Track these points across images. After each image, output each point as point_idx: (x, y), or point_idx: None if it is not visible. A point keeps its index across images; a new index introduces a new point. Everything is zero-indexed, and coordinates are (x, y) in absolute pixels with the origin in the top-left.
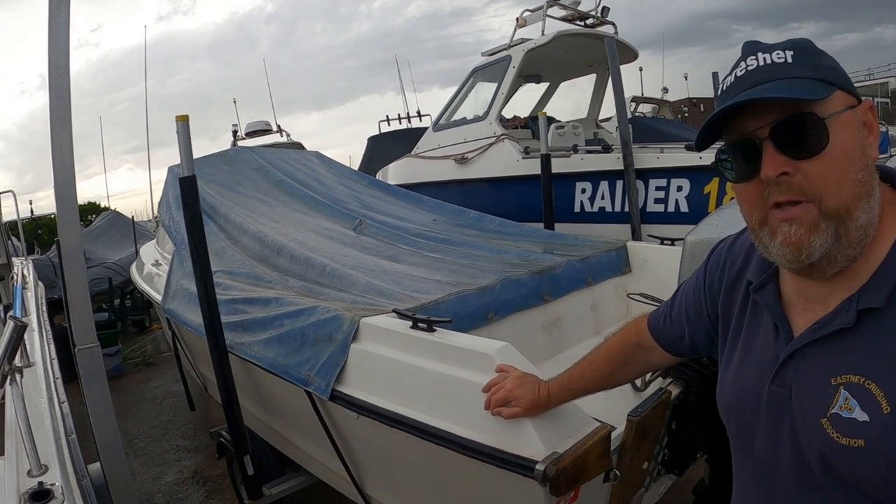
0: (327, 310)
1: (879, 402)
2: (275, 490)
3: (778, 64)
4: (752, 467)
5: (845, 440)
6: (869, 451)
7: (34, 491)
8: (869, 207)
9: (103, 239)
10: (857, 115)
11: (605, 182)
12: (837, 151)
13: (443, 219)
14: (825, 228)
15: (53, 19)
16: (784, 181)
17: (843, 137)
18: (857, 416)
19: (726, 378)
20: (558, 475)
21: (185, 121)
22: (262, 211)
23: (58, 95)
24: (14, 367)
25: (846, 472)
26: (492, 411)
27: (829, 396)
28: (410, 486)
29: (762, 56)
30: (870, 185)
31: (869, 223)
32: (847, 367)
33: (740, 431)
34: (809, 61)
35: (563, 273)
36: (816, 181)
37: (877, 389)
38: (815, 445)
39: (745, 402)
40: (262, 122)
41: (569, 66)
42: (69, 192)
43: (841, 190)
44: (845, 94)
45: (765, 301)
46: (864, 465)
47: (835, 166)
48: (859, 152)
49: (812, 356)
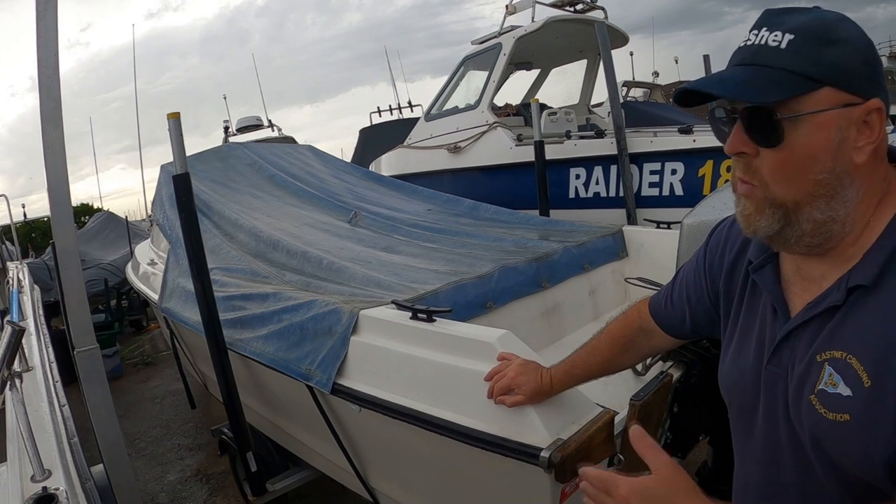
0: (326, 303)
1: (861, 377)
2: (278, 486)
3: (769, 48)
4: (753, 447)
5: (832, 415)
6: (854, 425)
7: (38, 496)
8: (828, 207)
9: (98, 240)
10: (849, 115)
11: (599, 167)
12: (798, 149)
13: (438, 208)
14: (770, 214)
15: (41, 19)
16: (744, 160)
17: (809, 137)
18: (841, 391)
19: (727, 358)
20: (563, 462)
21: (177, 118)
22: (257, 206)
23: (48, 96)
24: (13, 373)
25: (834, 449)
26: (495, 400)
27: (816, 373)
28: (414, 477)
29: (763, 34)
30: (832, 188)
31: (830, 220)
32: (832, 344)
33: (741, 411)
34: (805, 51)
35: (561, 259)
36: (767, 170)
37: (857, 364)
38: (806, 423)
39: (744, 383)
40: (253, 118)
41: (559, 52)
42: (62, 193)
43: (790, 186)
44: (837, 91)
45: (763, 281)
46: (850, 440)
47: (790, 163)
48: (828, 154)
49: (805, 335)
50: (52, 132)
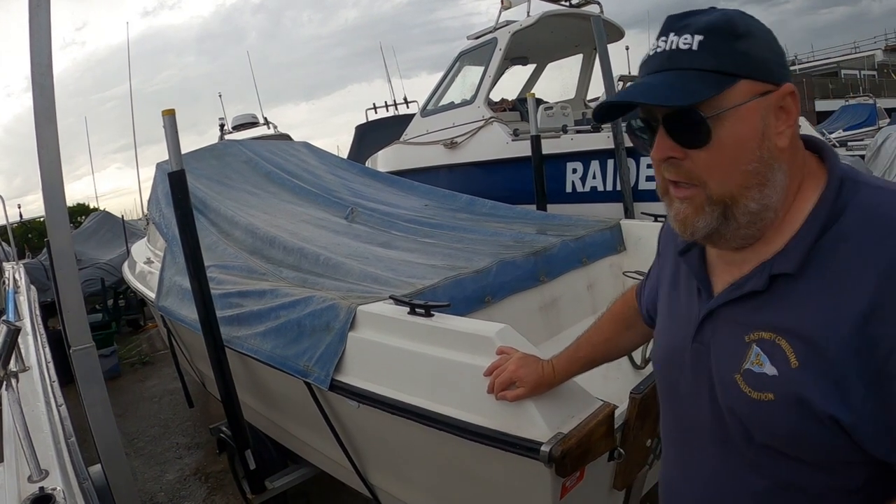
0: (323, 299)
1: (788, 358)
2: (277, 483)
3: (681, 51)
4: (675, 425)
5: (756, 394)
6: (777, 403)
7: (36, 496)
8: (761, 196)
9: (94, 240)
10: (767, 103)
11: (596, 161)
12: (727, 144)
13: (434, 204)
14: (710, 212)
15: (34, 17)
16: (674, 164)
17: (735, 130)
18: (766, 371)
19: (659, 338)
20: (564, 456)
21: (172, 115)
22: (253, 203)
23: (41, 93)
24: (10, 372)
25: (757, 427)
26: (496, 395)
27: (743, 353)
28: (414, 473)
29: (672, 39)
30: (763, 175)
31: (763, 208)
32: (759, 325)
33: (668, 389)
34: (718, 48)
35: (558, 254)
36: (702, 170)
37: (786, 345)
38: (729, 401)
39: (669, 360)
40: (248, 115)
41: (555, 46)
42: (57, 191)
43: (726, 180)
44: (753, 82)
45: (689, 264)
46: (773, 418)
47: (721, 158)
48: (755, 143)
49: (728, 315)
50: (47, 130)
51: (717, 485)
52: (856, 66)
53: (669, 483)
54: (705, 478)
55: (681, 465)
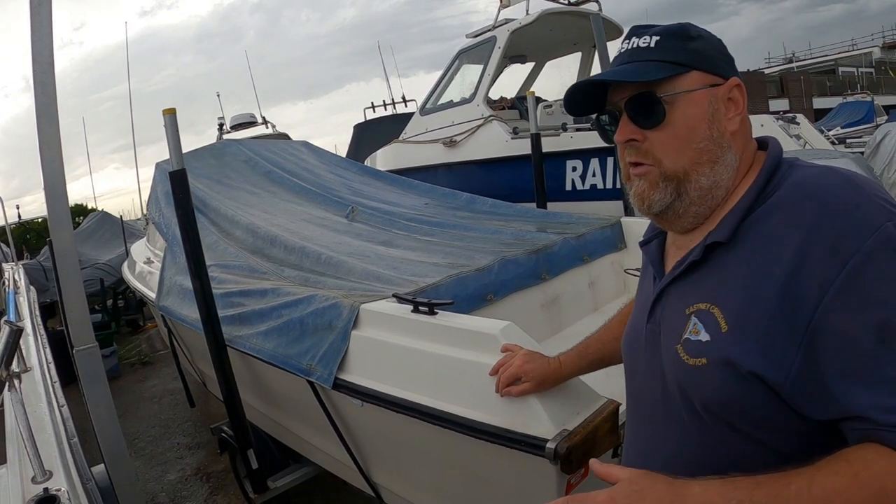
0: (326, 298)
1: (719, 323)
2: (280, 483)
3: (641, 48)
4: (632, 402)
5: (692, 361)
6: (709, 366)
7: (40, 497)
8: (712, 172)
9: (93, 240)
10: (717, 93)
11: (596, 159)
12: (679, 124)
13: (435, 202)
14: (664, 187)
15: (36, 14)
16: (634, 146)
17: (687, 112)
18: (701, 338)
19: (626, 326)
20: (570, 452)
21: (173, 114)
22: (253, 203)
23: (43, 91)
24: (12, 373)
25: (695, 392)
26: (501, 391)
27: (683, 325)
28: (418, 471)
29: (634, 40)
30: (714, 153)
31: (714, 185)
32: (697, 297)
33: (628, 370)
34: (672, 46)
35: (560, 251)
36: (658, 148)
37: (718, 312)
38: (672, 372)
39: (631, 343)
40: (247, 115)
41: (554, 45)
42: (59, 189)
43: (679, 157)
44: (704, 74)
45: (648, 253)
46: (706, 382)
47: (675, 137)
48: (705, 125)
49: (674, 292)
50: (48, 128)
51: (669, 456)
52: (853, 64)
53: (630, 455)
54: (659, 449)
55: (640, 439)
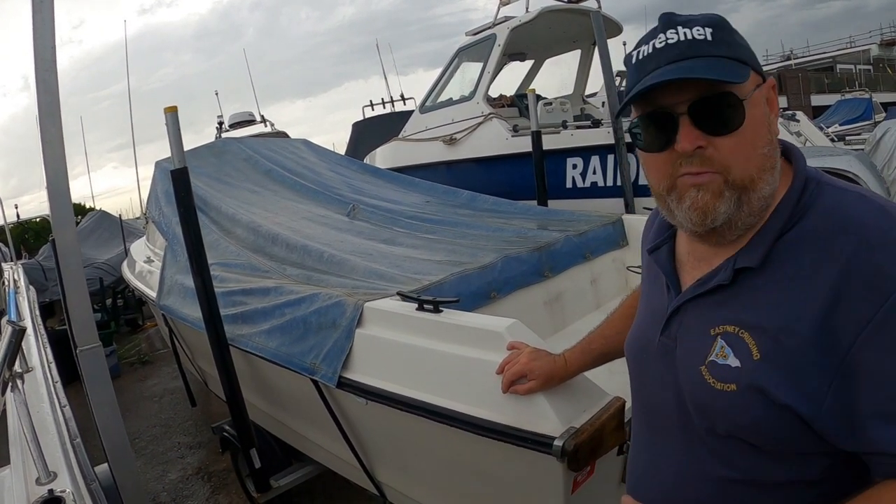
0: (329, 296)
1: (751, 350)
2: (283, 482)
3: (699, 41)
4: (643, 411)
5: (720, 385)
6: (739, 394)
7: (46, 499)
8: (772, 179)
9: (91, 239)
10: (763, 93)
11: (596, 157)
12: (748, 128)
13: (436, 200)
14: (729, 197)
15: (37, 12)
16: (697, 154)
17: (754, 114)
18: (730, 363)
19: (633, 328)
20: (577, 450)
21: (174, 112)
22: (254, 201)
23: (45, 90)
24: (14, 373)
25: (720, 417)
26: (507, 388)
27: (708, 345)
28: (423, 470)
29: (683, 31)
30: (773, 158)
31: (771, 194)
32: (724, 319)
33: (636, 378)
34: (727, 40)
35: (562, 249)
36: (727, 155)
37: (749, 338)
38: (693, 392)
39: (640, 351)
40: (245, 113)
41: (553, 42)
42: (62, 188)
43: (748, 164)
44: (755, 73)
45: (658, 261)
46: (735, 408)
47: (745, 142)
48: (766, 128)
49: (694, 309)
50: (51, 126)
51: (682, 471)
52: (851, 61)
53: (637, 464)
54: (672, 463)
55: (649, 449)
